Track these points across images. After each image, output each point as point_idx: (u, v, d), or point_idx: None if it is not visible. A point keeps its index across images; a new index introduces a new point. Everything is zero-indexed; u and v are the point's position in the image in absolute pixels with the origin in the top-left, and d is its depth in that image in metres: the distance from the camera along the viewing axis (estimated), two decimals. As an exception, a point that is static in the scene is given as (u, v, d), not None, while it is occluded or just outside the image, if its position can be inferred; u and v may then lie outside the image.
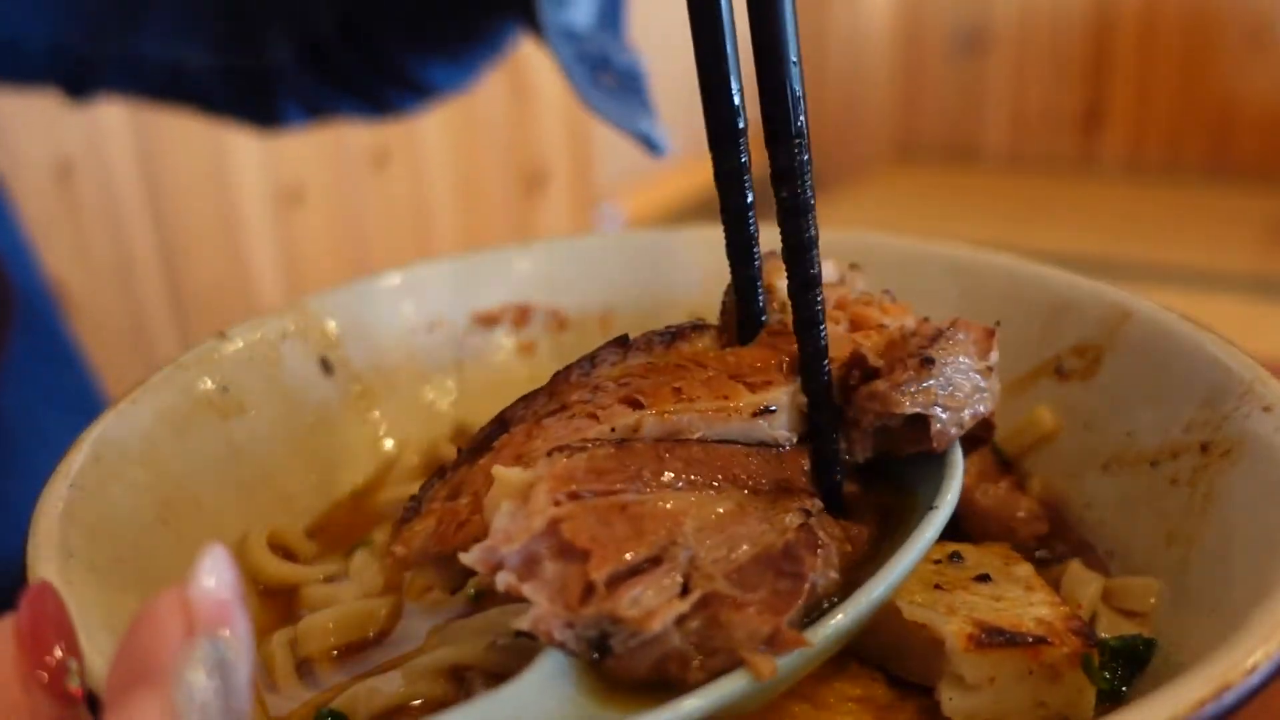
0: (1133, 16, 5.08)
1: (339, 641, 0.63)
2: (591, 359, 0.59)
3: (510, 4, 1.03)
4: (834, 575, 0.51)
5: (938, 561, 0.60)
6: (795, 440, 0.57)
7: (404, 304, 0.86)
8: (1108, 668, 0.55)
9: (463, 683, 0.56)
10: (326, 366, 0.80)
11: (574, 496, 0.48)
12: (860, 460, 0.59)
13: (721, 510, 0.51)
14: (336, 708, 0.56)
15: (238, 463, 0.71)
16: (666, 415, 0.54)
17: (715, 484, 0.52)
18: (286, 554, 0.70)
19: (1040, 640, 0.51)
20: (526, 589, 0.46)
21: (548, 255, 0.90)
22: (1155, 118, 5.17)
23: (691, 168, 4.35)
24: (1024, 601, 0.55)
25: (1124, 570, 0.65)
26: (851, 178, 5.33)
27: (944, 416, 0.58)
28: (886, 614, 0.55)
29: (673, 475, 0.51)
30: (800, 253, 0.56)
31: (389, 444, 0.82)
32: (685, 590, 0.47)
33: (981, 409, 0.60)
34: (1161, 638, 0.57)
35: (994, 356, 0.62)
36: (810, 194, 0.56)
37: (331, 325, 0.81)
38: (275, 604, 0.67)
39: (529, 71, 3.59)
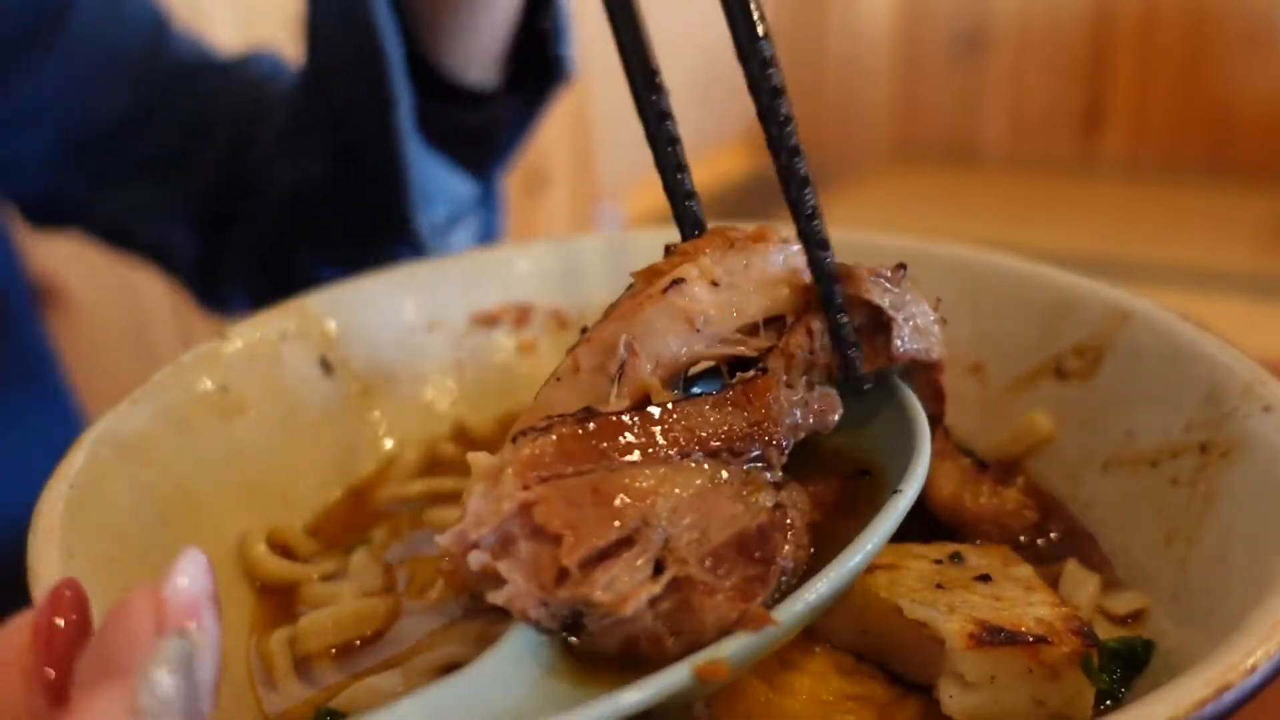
0: (1132, 16, 5.07)
1: (338, 640, 0.63)
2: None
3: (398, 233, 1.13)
4: (801, 555, 0.52)
5: (938, 561, 0.60)
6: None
7: (404, 304, 0.86)
8: (1106, 669, 0.55)
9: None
10: (326, 366, 0.80)
11: (543, 479, 0.49)
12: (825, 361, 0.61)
13: (695, 485, 0.51)
14: (335, 706, 0.56)
15: (238, 463, 0.71)
16: (592, 339, 0.57)
17: (688, 453, 0.52)
18: (286, 552, 0.70)
19: (1040, 640, 0.52)
20: (501, 567, 0.47)
21: (548, 255, 0.90)
22: (1155, 118, 5.16)
23: (691, 167, 4.34)
24: (1024, 601, 0.55)
25: (1124, 570, 0.65)
26: (851, 178, 5.33)
27: (906, 328, 0.61)
28: (886, 613, 0.55)
29: (640, 449, 0.51)
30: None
31: (389, 444, 0.82)
32: (658, 571, 0.48)
33: (934, 352, 0.63)
34: (1160, 638, 0.57)
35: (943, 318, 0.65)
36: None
37: (331, 325, 0.81)
38: (274, 602, 0.67)
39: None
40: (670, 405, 0.54)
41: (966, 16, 5.39)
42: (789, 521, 0.52)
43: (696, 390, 0.60)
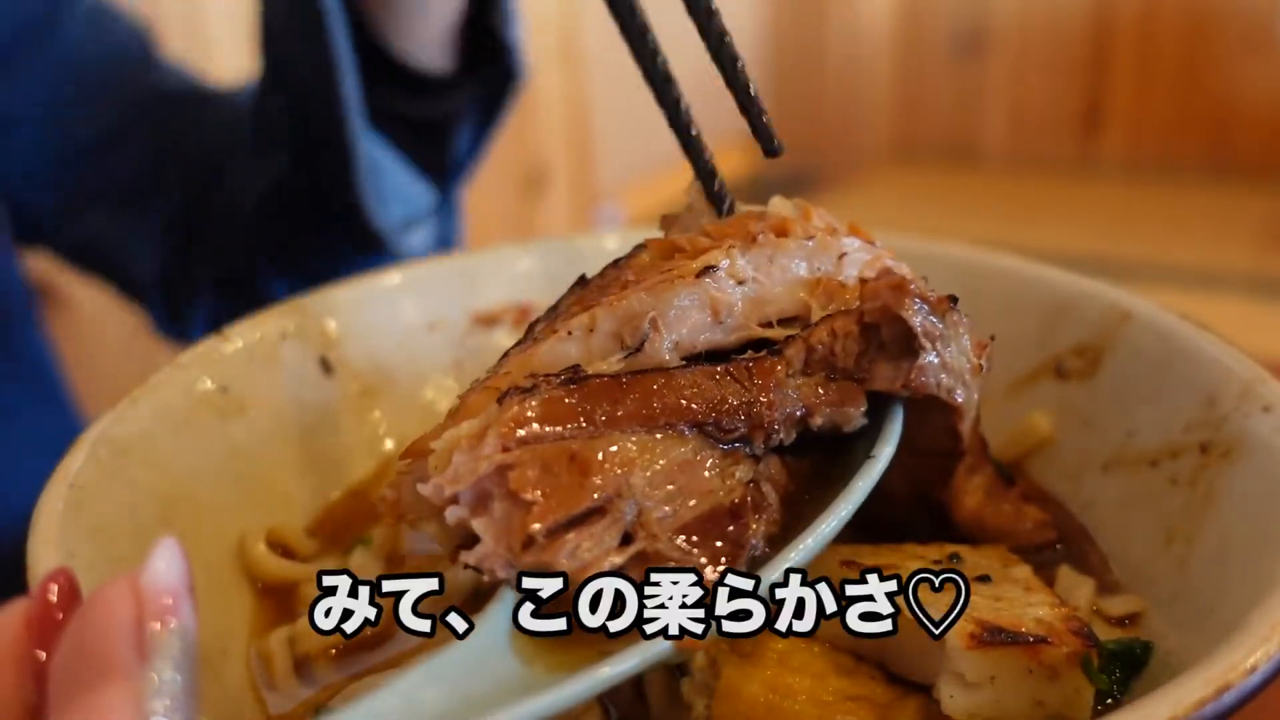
0: (1132, 16, 5.07)
1: (338, 639, 0.63)
2: (554, 306, 0.60)
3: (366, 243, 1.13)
4: (773, 529, 0.53)
5: (938, 562, 0.60)
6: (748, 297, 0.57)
7: (404, 304, 0.86)
8: (1105, 670, 0.55)
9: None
10: (326, 366, 0.80)
11: (524, 442, 0.49)
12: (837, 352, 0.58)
13: (676, 457, 0.51)
14: (335, 706, 0.56)
15: (238, 463, 0.71)
16: (615, 303, 0.55)
17: (674, 425, 0.52)
18: (285, 551, 0.70)
19: (1040, 640, 0.52)
20: (476, 524, 0.48)
21: (548, 255, 0.91)
22: (1154, 118, 5.16)
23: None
24: (1023, 602, 0.55)
25: (1124, 570, 0.65)
26: (851, 178, 5.32)
27: (934, 361, 0.58)
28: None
29: (629, 416, 0.51)
30: None
31: (389, 444, 0.82)
32: (627, 540, 0.48)
33: (957, 395, 0.60)
34: (1159, 639, 0.58)
35: (985, 364, 0.62)
36: None
37: (331, 325, 0.81)
38: (274, 601, 0.67)
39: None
40: (662, 372, 0.53)
41: (966, 17, 5.39)
42: (763, 496, 0.53)
43: None
